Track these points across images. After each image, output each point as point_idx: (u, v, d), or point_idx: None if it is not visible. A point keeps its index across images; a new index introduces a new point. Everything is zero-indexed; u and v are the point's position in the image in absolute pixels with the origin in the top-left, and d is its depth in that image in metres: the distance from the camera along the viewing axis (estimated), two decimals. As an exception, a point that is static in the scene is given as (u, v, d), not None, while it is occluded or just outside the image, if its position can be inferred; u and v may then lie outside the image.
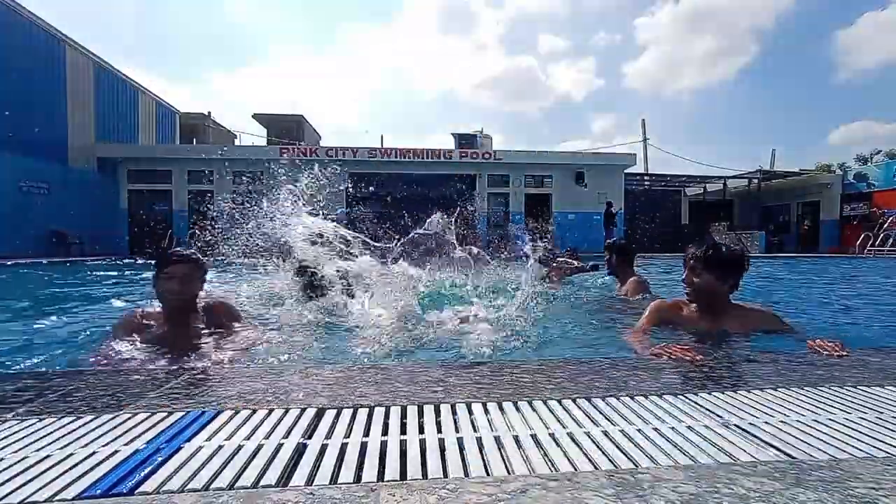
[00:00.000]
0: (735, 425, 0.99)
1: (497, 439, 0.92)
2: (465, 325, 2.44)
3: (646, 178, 21.03)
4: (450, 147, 17.49)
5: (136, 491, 0.73)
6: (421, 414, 1.05)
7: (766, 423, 1.01)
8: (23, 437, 0.94)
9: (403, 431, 0.96)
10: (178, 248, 2.17)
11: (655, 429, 0.97)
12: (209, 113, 22.09)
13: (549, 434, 0.94)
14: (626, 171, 17.77)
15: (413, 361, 1.52)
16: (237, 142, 23.97)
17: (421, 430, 0.96)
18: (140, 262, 8.94)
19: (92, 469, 0.80)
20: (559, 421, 1.01)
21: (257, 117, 20.46)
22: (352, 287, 3.86)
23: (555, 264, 5.66)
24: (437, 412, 1.06)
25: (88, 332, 2.60)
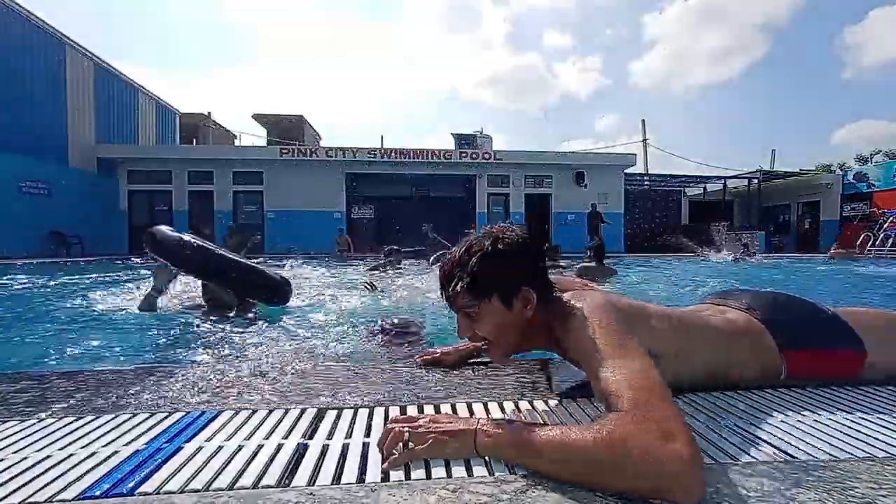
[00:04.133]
0: (735, 425, 0.99)
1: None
2: None
3: (646, 178, 21.04)
4: (450, 147, 17.51)
5: (137, 491, 0.73)
6: (421, 413, 1.05)
7: (767, 423, 1.00)
8: (23, 438, 0.94)
9: (404, 431, 0.96)
10: None
11: (655, 429, 0.97)
12: (209, 113, 22.10)
13: (550, 434, 0.94)
14: (626, 171, 17.77)
15: (413, 361, 1.53)
16: (237, 142, 23.99)
17: (421, 431, 0.96)
18: (139, 262, 8.94)
19: (92, 469, 0.80)
20: (559, 421, 1.01)
21: (257, 117, 20.47)
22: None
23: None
24: (437, 412, 1.06)
25: (85, 332, 2.60)
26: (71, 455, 0.86)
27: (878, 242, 14.93)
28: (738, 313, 1.23)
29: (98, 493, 0.72)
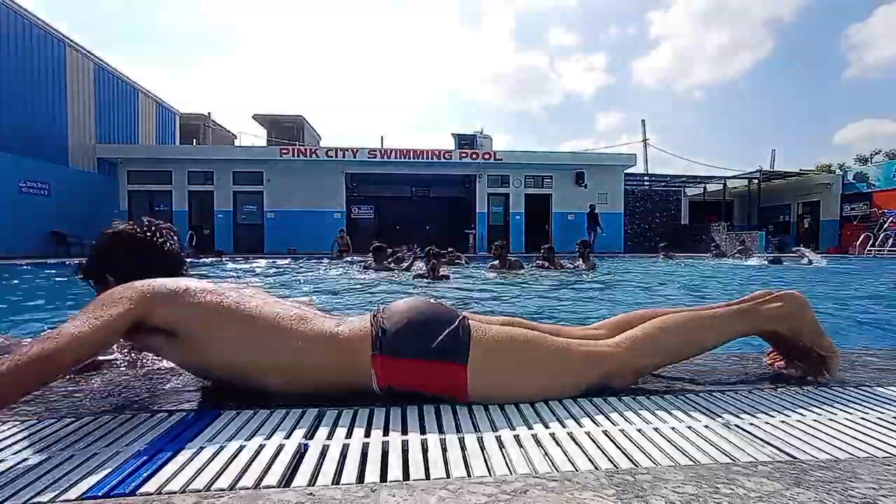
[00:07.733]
0: (735, 425, 0.99)
1: (498, 439, 0.92)
2: None
3: (646, 178, 21.05)
4: (450, 147, 17.51)
5: (138, 492, 0.73)
6: (422, 413, 1.05)
7: (766, 423, 1.01)
8: (23, 438, 0.94)
9: (405, 431, 0.96)
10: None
11: (656, 429, 0.97)
12: (209, 113, 22.12)
13: (550, 434, 0.94)
14: (626, 171, 17.78)
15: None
16: (237, 142, 24.00)
17: (422, 431, 0.96)
18: None
19: (93, 470, 0.80)
20: (559, 420, 1.01)
21: (257, 118, 20.47)
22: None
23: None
24: (438, 412, 1.06)
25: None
26: (72, 455, 0.86)
27: (878, 242, 14.93)
28: (360, 321, 1.15)
29: (100, 493, 0.73)
